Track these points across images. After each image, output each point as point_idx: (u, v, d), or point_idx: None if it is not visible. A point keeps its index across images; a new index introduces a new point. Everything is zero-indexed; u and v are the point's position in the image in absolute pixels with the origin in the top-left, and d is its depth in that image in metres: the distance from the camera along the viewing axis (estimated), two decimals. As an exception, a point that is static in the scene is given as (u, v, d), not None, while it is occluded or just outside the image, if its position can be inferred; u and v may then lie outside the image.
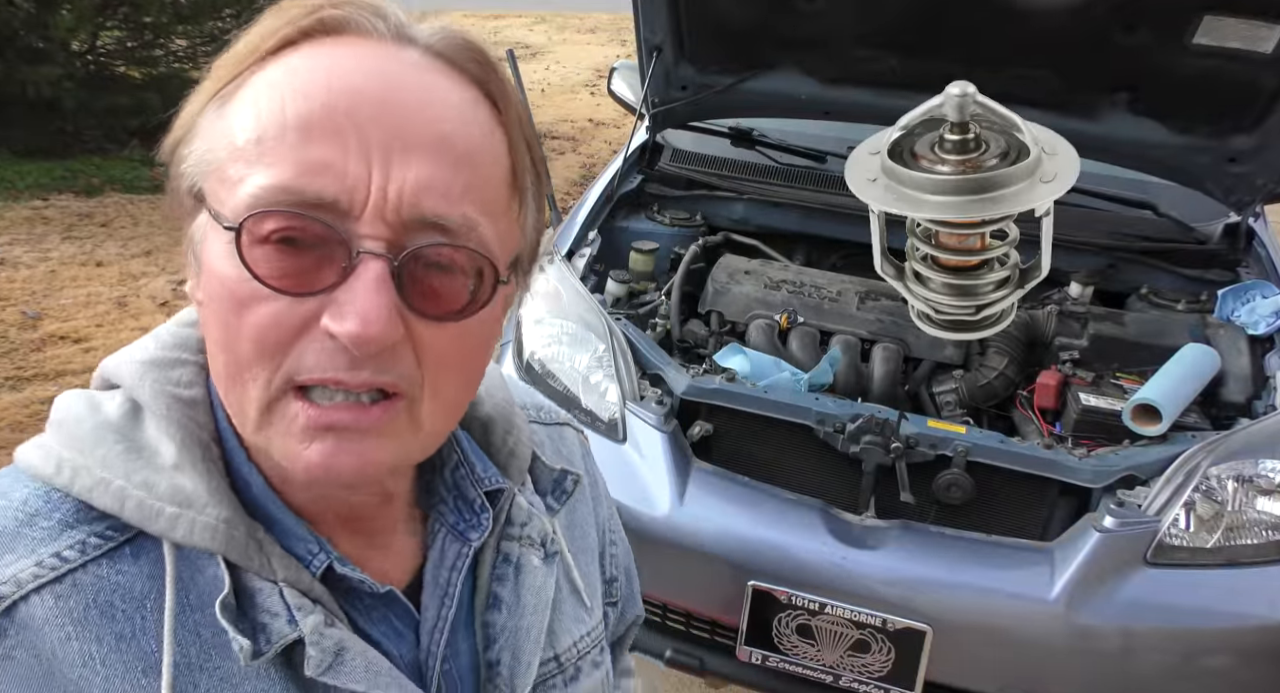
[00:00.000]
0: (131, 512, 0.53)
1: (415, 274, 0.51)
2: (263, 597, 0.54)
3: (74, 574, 0.52)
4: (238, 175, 0.50)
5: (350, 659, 0.56)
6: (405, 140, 0.50)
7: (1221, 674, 1.77)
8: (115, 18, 6.20)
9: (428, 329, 0.52)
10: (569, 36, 12.83)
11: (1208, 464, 1.82)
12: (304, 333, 0.50)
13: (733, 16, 2.53)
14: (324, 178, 0.49)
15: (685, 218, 2.80)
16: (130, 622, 0.52)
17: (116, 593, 0.53)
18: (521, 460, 0.70)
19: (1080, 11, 2.21)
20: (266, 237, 0.49)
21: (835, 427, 1.96)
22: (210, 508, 0.54)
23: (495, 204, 0.54)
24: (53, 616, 0.51)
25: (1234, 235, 2.65)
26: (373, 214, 0.49)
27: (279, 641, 0.54)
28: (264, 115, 0.50)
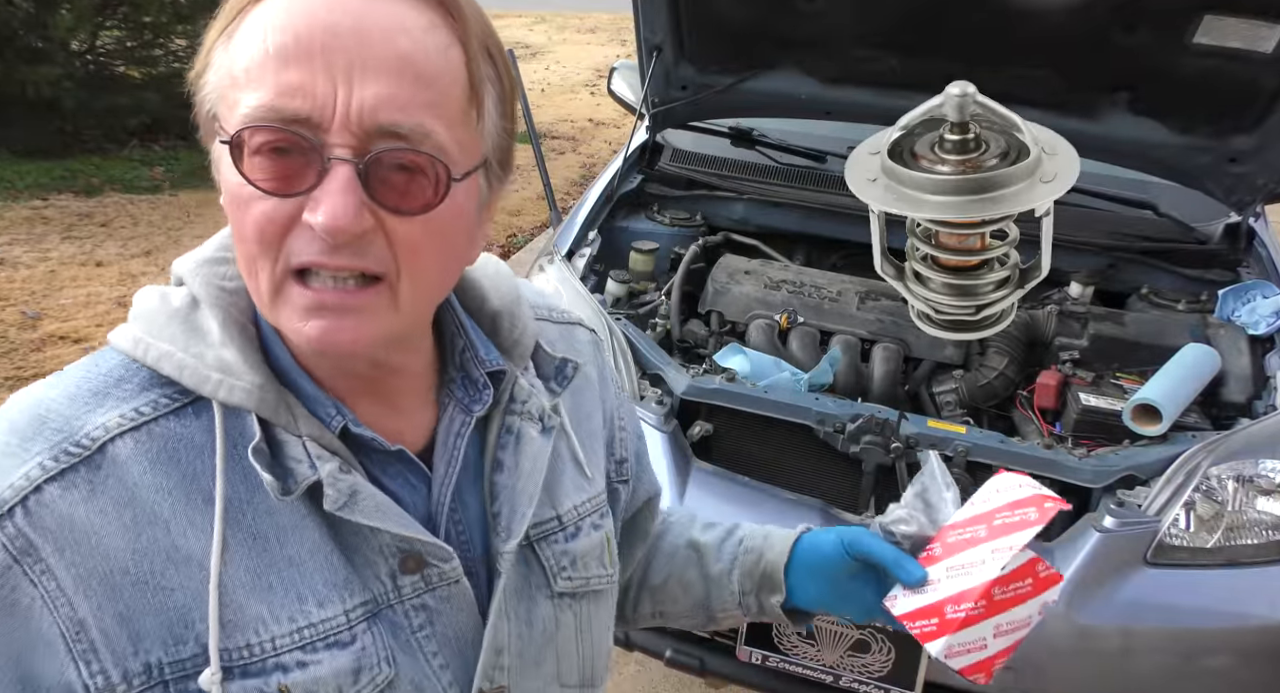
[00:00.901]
0: (188, 378, 0.67)
1: (380, 175, 0.61)
2: (290, 448, 0.67)
3: (148, 426, 0.66)
4: (234, 99, 0.61)
5: (362, 500, 0.67)
6: (364, 63, 0.59)
7: (1221, 675, 1.77)
8: (115, 18, 6.20)
9: (398, 223, 0.62)
10: (569, 36, 12.83)
11: (1208, 464, 1.82)
12: (293, 226, 0.61)
13: (733, 16, 2.53)
14: (297, 98, 0.59)
15: (685, 218, 2.80)
16: (191, 466, 0.66)
17: (181, 443, 0.66)
18: (524, 348, 0.81)
19: (1080, 11, 2.21)
20: (258, 148, 0.60)
21: (835, 427, 1.96)
22: (246, 375, 0.67)
23: (452, 114, 0.63)
24: (134, 455, 0.64)
25: (1234, 235, 2.65)
26: (339, 126, 0.59)
27: (303, 481, 0.66)
28: (252, 47, 0.60)
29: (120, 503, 0.63)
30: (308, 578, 0.67)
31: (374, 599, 0.70)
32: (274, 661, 0.66)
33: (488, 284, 0.83)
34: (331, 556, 0.68)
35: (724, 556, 1.02)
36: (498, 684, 0.76)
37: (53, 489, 0.62)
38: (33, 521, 0.61)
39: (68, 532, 0.62)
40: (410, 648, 0.71)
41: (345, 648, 0.68)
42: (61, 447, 0.63)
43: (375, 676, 0.69)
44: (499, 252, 5.45)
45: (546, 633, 0.80)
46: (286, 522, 0.67)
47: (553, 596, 0.81)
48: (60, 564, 0.61)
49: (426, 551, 0.71)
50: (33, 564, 0.61)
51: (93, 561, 0.62)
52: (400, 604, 0.71)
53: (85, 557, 0.62)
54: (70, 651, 0.61)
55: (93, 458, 0.64)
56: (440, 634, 0.73)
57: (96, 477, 0.63)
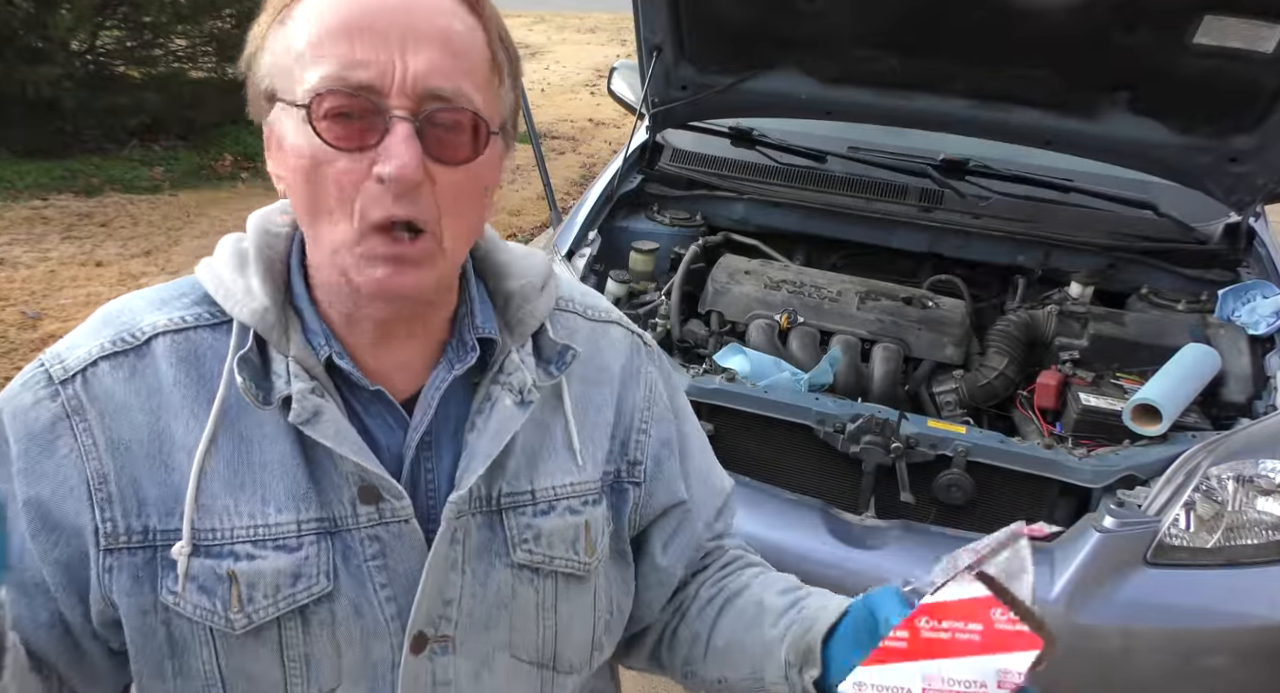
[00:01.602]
0: (222, 298, 0.78)
1: (431, 132, 0.71)
2: (276, 364, 0.77)
3: (187, 332, 0.78)
4: (301, 72, 0.71)
5: (324, 422, 0.75)
6: (416, 36, 0.70)
7: (1221, 674, 1.77)
8: (115, 17, 6.20)
9: (443, 173, 0.72)
10: (569, 36, 12.83)
11: (1208, 464, 1.81)
12: (365, 179, 0.70)
13: (733, 16, 2.53)
14: (362, 68, 0.69)
15: (685, 218, 2.79)
16: (209, 369, 0.77)
17: (208, 350, 0.78)
18: (526, 328, 0.86)
19: (1080, 11, 2.20)
20: (327, 112, 0.69)
21: (835, 427, 1.96)
22: (259, 299, 0.77)
23: (481, 80, 0.74)
24: (167, 351, 0.77)
25: (1234, 235, 2.65)
26: (398, 90, 0.69)
27: (278, 395, 0.75)
28: (314, 26, 0.70)
29: (150, 389, 0.76)
30: (272, 484, 0.76)
31: (332, 519, 0.77)
32: (229, 548, 0.75)
33: (514, 266, 0.89)
34: (297, 470, 0.77)
35: (782, 621, 0.90)
36: (442, 633, 0.81)
37: (105, 365, 0.76)
38: (88, 387, 0.75)
39: (109, 402, 0.75)
40: (360, 573, 0.78)
41: (290, 553, 0.76)
42: (120, 335, 0.77)
43: (312, 585, 0.77)
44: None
45: (500, 599, 0.84)
46: (270, 432, 0.77)
47: (512, 565, 0.84)
48: (100, 426, 0.75)
49: (380, 484, 0.77)
50: (79, 422, 0.74)
51: (123, 430, 0.75)
52: (357, 531, 0.78)
53: (119, 425, 0.75)
54: (91, 497, 0.74)
55: (140, 348, 0.77)
56: (391, 568, 0.79)
57: (140, 363, 0.77)
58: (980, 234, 2.68)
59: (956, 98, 2.58)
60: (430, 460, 0.82)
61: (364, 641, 0.79)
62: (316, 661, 0.78)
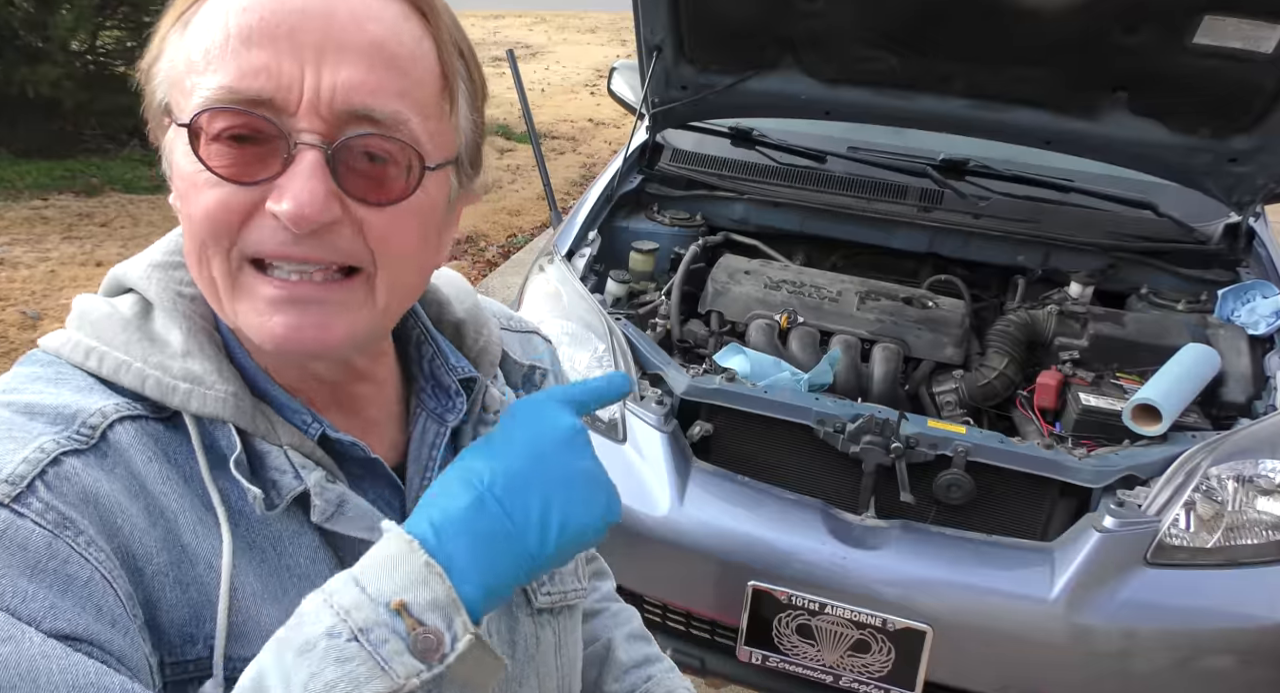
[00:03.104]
0: (151, 389, 0.62)
1: (350, 163, 0.58)
2: (271, 458, 0.64)
3: (140, 421, 0.62)
4: (191, 84, 0.58)
5: (350, 510, 0.65)
6: (338, 44, 0.57)
7: (1221, 675, 1.77)
8: (115, 17, 6.20)
9: (369, 213, 0.59)
10: (569, 36, 12.83)
11: (1208, 464, 1.82)
12: (253, 215, 0.58)
13: (733, 16, 2.53)
14: (260, 78, 0.56)
15: (685, 218, 2.80)
16: (184, 469, 0.62)
17: (170, 445, 0.62)
18: (492, 356, 0.79)
19: (1080, 11, 2.20)
20: (217, 134, 0.57)
21: (835, 427, 1.96)
22: (219, 385, 0.63)
23: (426, 105, 0.61)
24: (135, 441, 0.60)
25: (1234, 235, 2.65)
26: (307, 109, 0.57)
27: (289, 493, 0.63)
28: (213, 31, 0.57)
29: (133, 490, 0.59)
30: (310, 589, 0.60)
31: None
32: None
33: (450, 292, 0.81)
34: (329, 564, 0.65)
35: (626, 681, 0.94)
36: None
37: (73, 461, 0.57)
38: (57, 493, 0.55)
39: (93, 506, 0.56)
40: None
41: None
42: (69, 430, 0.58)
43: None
44: (499, 252, 5.45)
45: (528, 652, 0.77)
46: (281, 531, 0.64)
47: (533, 612, 0.78)
48: (101, 536, 0.55)
49: None
50: (74, 537, 0.54)
51: (120, 539, 0.57)
52: None
53: (115, 533, 0.57)
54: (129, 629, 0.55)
55: (99, 445, 0.59)
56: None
57: (105, 462, 0.58)
58: (980, 234, 2.68)
59: (956, 98, 2.58)
60: None
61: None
62: None
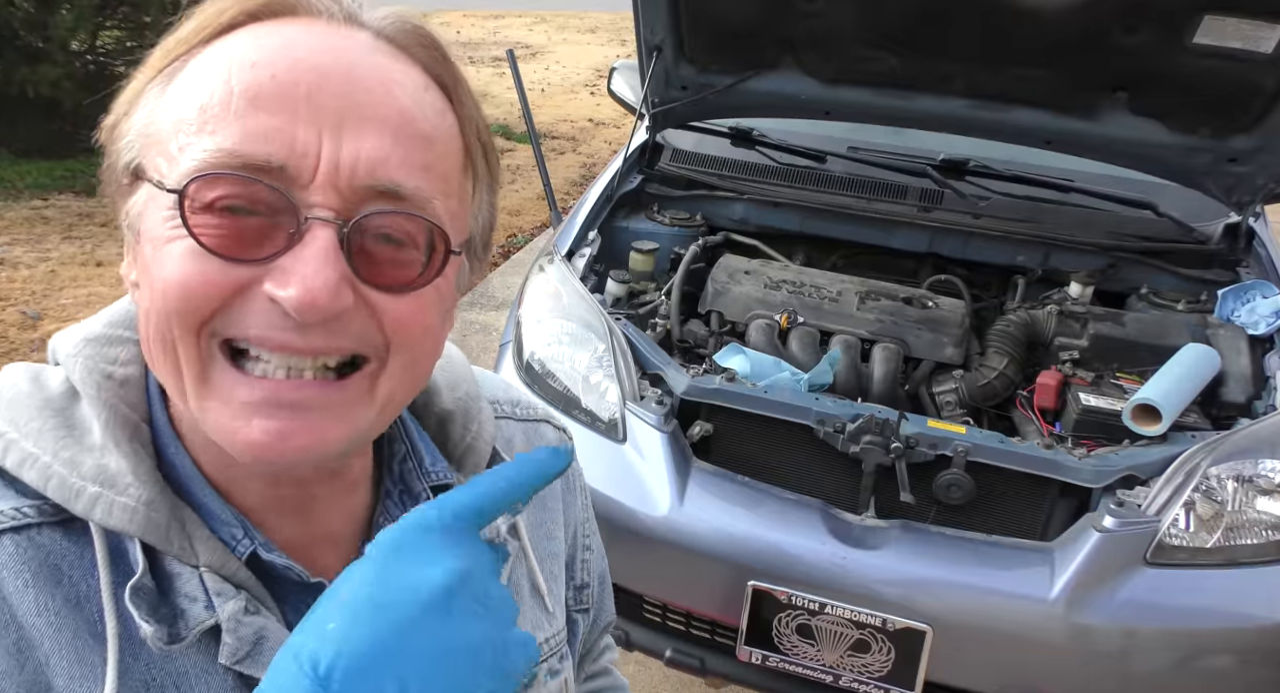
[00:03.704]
0: (54, 490, 0.53)
1: (365, 244, 0.51)
2: (182, 582, 0.54)
3: (29, 531, 0.52)
4: (179, 146, 0.49)
5: (269, 649, 0.54)
6: (361, 112, 0.50)
7: (1221, 675, 1.77)
8: (115, 17, 6.20)
9: (385, 299, 0.52)
10: (569, 36, 12.84)
11: (1208, 464, 1.82)
12: (240, 296, 0.49)
13: (733, 16, 2.53)
14: (272, 144, 0.48)
15: (685, 218, 2.80)
16: (77, 588, 0.53)
17: (65, 559, 0.53)
18: (479, 457, 0.69)
19: (1081, 11, 2.20)
20: (211, 203, 0.48)
21: (835, 427, 1.96)
22: (132, 489, 0.53)
23: (449, 183, 0.55)
24: (12, 562, 0.51)
25: (1234, 235, 2.65)
26: (323, 182, 0.49)
27: (196, 626, 0.53)
28: (211, 86, 0.49)
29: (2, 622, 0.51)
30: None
31: None
32: None
33: (441, 378, 0.70)
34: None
35: None
36: None
37: None
38: None
39: None
40: None
41: None
42: None
43: None
44: (499, 252, 5.44)
45: None
46: (187, 667, 0.54)
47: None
48: None
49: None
50: None
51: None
52: None
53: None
54: None
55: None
56: None
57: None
58: (980, 234, 2.68)
59: (956, 98, 2.58)
60: None
61: None
62: None
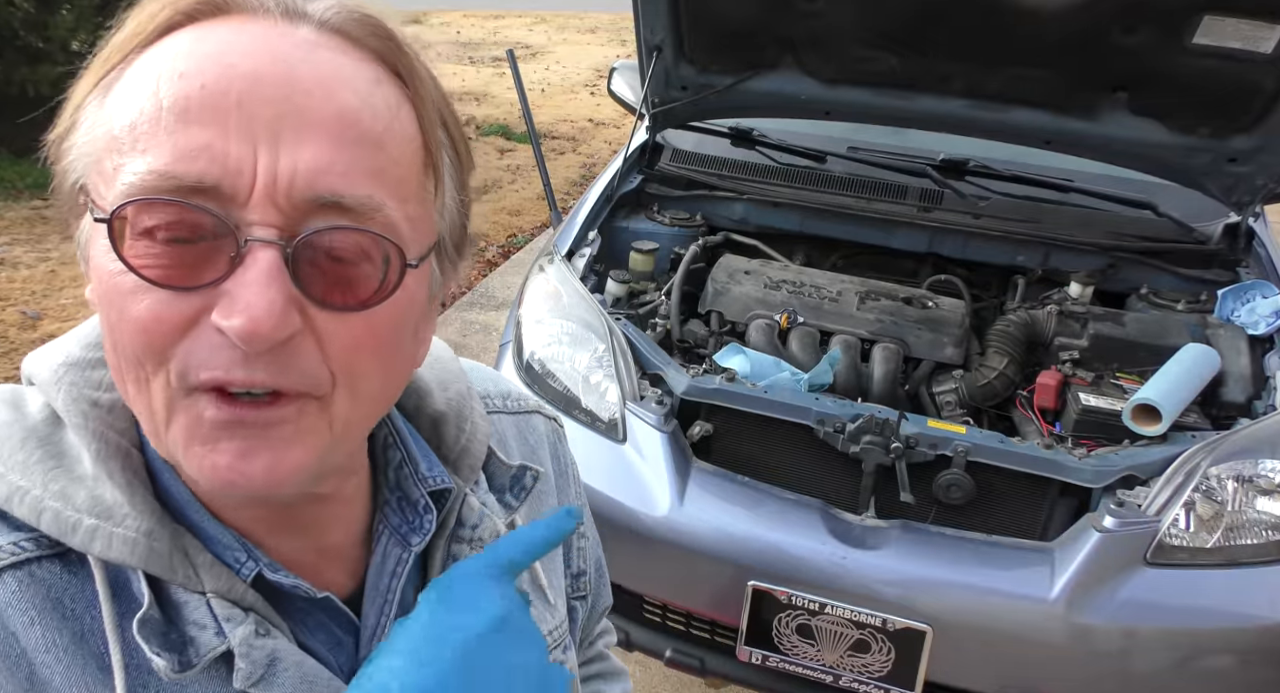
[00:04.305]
0: (48, 524, 0.51)
1: (314, 261, 0.48)
2: (189, 609, 0.53)
3: (30, 566, 0.52)
4: (113, 165, 0.47)
5: (283, 670, 0.54)
6: (298, 119, 0.47)
7: (1221, 675, 1.77)
8: (115, 18, 6.20)
9: (332, 321, 0.49)
10: (569, 36, 12.83)
11: (1208, 464, 1.82)
12: (192, 327, 0.47)
13: (733, 16, 2.53)
14: (201, 160, 0.45)
15: (685, 218, 2.80)
16: (81, 622, 0.52)
17: (67, 592, 0.52)
18: (474, 458, 0.67)
19: (1080, 11, 2.21)
20: (147, 230, 0.46)
21: (835, 427, 1.96)
22: (130, 520, 0.52)
23: (405, 185, 0.51)
24: (15, 599, 0.51)
25: (1234, 235, 2.65)
26: (261, 198, 0.46)
27: (207, 653, 0.53)
28: (140, 100, 0.47)
29: (10, 659, 0.50)
30: None
31: None
32: None
33: (431, 379, 0.68)
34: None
35: None
36: None
37: None
38: None
39: None
40: None
41: None
42: None
43: None
44: (499, 252, 5.44)
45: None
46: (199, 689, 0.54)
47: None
48: None
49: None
50: None
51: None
52: None
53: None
54: None
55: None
56: None
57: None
58: (980, 234, 2.68)
59: (956, 98, 2.58)
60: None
61: None
62: None
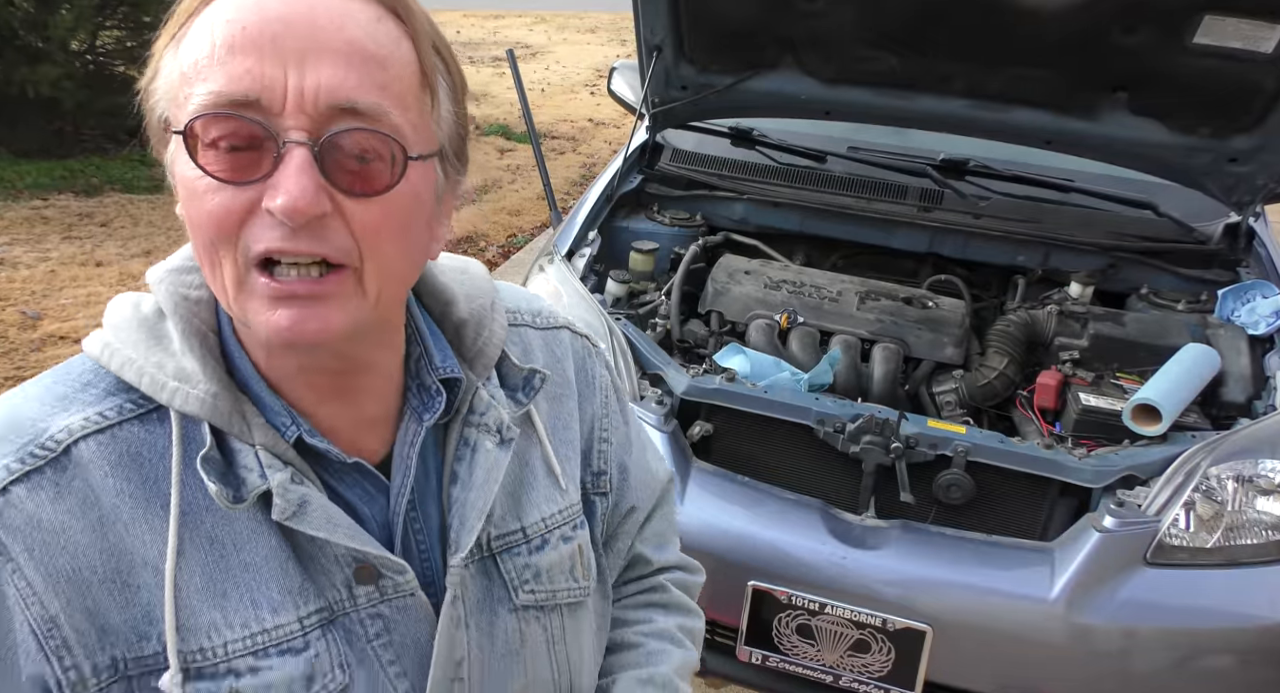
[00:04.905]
0: (147, 385, 0.68)
1: (336, 158, 0.62)
2: (242, 456, 0.68)
3: (112, 429, 0.67)
4: (184, 95, 0.62)
5: (312, 511, 0.68)
6: (317, 48, 0.61)
7: (1221, 675, 1.77)
8: (114, 17, 6.20)
9: (355, 206, 0.63)
10: (569, 36, 12.83)
11: (1208, 464, 1.81)
12: (251, 214, 0.62)
13: (733, 16, 2.53)
14: (245, 82, 0.60)
15: (685, 218, 2.80)
16: (153, 469, 0.68)
17: (143, 446, 0.68)
18: (488, 358, 0.80)
19: (1080, 11, 2.20)
20: (212, 140, 0.61)
21: (835, 427, 1.96)
22: (203, 384, 0.68)
23: (405, 98, 0.65)
24: (96, 457, 0.66)
25: (1234, 235, 2.65)
26: (293, 109, 0.60)
27: (253, 491, 0.67)
28: (202, 44, 0.61)
29: (86, 503, 0.65)
30: (263, 585, 0.69)
31: (329, 607, 0.71)
32: (226, 665, 0.67)
33: (458, 291, 0.81)
34: (287, 563, 0.69)
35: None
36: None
37: (19, 490, 0.64)
38: (3, 521, 0.63)
39: (35, 532, 0.64)
40: (366, 656, 0.72)
41: (298, 654, 0.69)
42: (28, 449, 0.65)
43: (328, 682, 0.70)
44: (499, 252, 5.45)
45: (510, 647, 0.79)
46: (243, 529, 0.69)
47: (515, 609, 0.80)
48: (30, 564, 0.63)
49: (379, 562, 0.71)
50: (3, 564, 0.63)
51: (61, 559, 0.64)
52: (356, 612, 0.72)
53: (54, 556, 0.64)
54: (43, 648, 0.64)
55: (59, 460, 0.66)
56: (398, 644, 0.74)
57: (62, 478, 0.65)
58: (980, 234, 2.68)
59: (956, 98, 2.58)
60: (418, 522, 0.76)
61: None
62: None
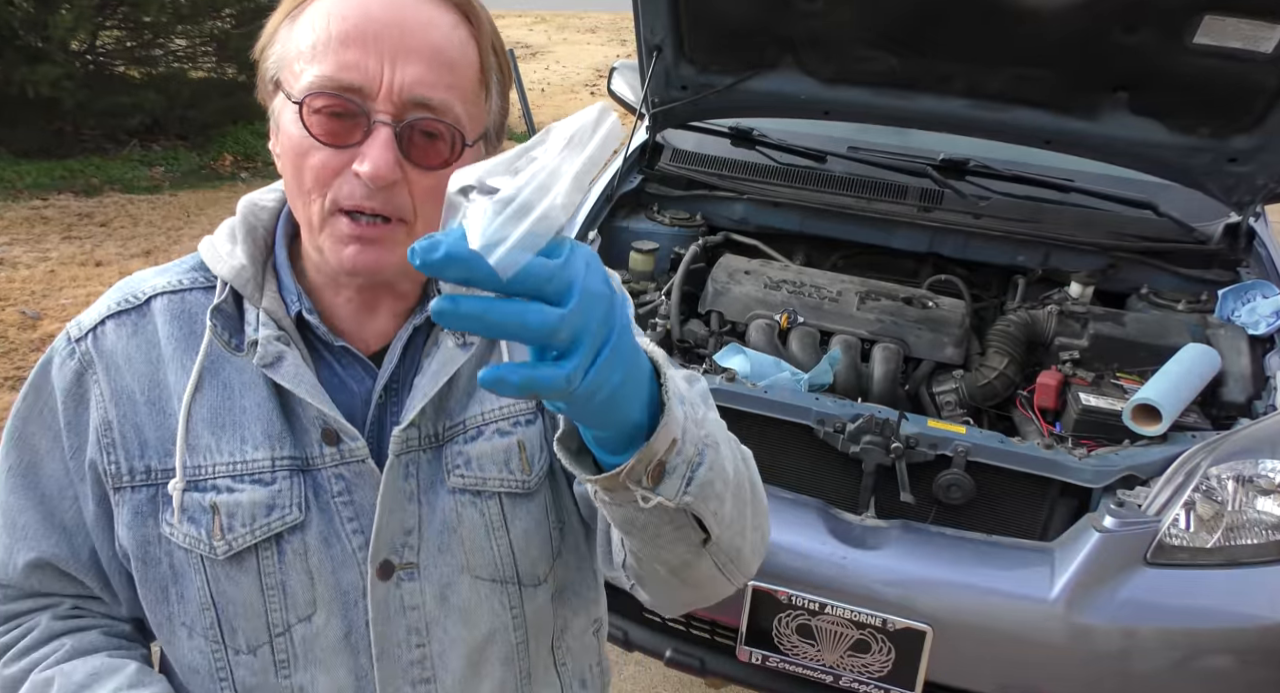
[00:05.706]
0: (209, 259, 0.90)
1: (411, 138, 0.79)
2: (250, 315, 0.88)
3: (182, 293, 0.90)
4: (300, 69, 0.79)
5: (285, 365, 0.85)
6: (407, 50, 0.78)
7: (1221, 675, 1.77)
8: (115, 17, 6.20)
9: (419, 175, 0.80)
10: (569, 36, 12.83)
11: (1208, 464, 1.81)
12: (341, 172, 0.79)
13: (733, 16, 2.53)
14: (352, 72, 0.77)
15: (685, 218, 2.80)
16: (199, 324, 0.88)
17: (198, 308, 0.89)
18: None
19: (1080, 11, 2.20)
20: (319, 110, 0.78)
21: (835, 427, 1.96)
22: (239, 259, 0.88)
23: (467, 93, 0.82)
24: (163, 309, 0.89)
25: (1234, 235, 2.65)
26: (384, 96, 0.78)
27: (247, 341, 0.86)
28: (317, 31, 0.79)
29: (150, 343, 0.88)
30: (250, 426, 0.86)
31: (304, 458, 0.87)
32: (211, 482, 0.85)
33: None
34: (274, 414, 0.86)
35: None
36: (406, 560, 0.89)
37: (111, 324, 0.89)
38: (97, 343, 0.88)
39: (114, 356, 0.88)
40: (328, 508, 0.87)
41: (264, 486, 0.86)
42: (125, 297, 0.90)
43: (285, 515, 0.86)
44: (499, 251, 5.44)
45: (447, 524, 0.90)
46: (249, 379, 0.87)
47: (451, 490, 0.91)
48: (106, 378, 0.87)
49: (336, 426, 0.86)
50: (91, 374, 0.87)
51: (126, 380, 0.87)
52: (324, 470, 0.87)
53: (121, 376, 0.87)
54: (99, 442, 0.86)
55: (141, 308, 0.90)
56: (356, 503, 0.88)
57: (141, 321, 0.89)
58: (980, 234, 2.68)
59: (956, 98, 2.58)
60: (396, 404, 0.90)
61: (334, 570, 0.87)
62: (292, 588, 0.86)
